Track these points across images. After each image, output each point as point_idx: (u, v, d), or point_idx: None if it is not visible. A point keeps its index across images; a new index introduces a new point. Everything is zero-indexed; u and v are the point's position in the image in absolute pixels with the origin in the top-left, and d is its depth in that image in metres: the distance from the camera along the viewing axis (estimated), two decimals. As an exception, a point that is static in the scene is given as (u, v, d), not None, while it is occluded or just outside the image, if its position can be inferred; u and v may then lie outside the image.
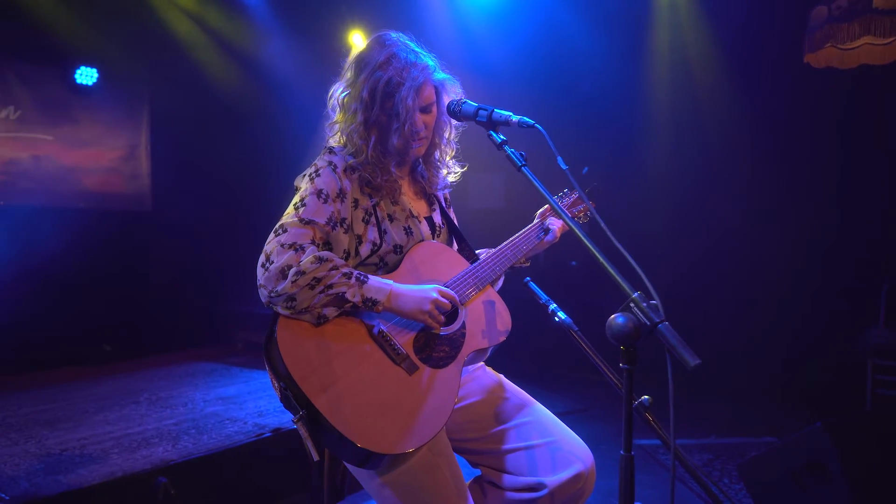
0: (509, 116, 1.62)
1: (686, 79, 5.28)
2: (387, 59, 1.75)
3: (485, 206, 6.54)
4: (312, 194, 1.68)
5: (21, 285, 5.09)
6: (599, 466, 1.86)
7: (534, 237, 2.00)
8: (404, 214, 1.82)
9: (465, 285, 1.80)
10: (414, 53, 1.77)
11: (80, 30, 5.49)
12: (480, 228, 3.39)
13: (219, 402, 4.19)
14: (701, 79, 5.15)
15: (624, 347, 1.33)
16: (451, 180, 2.01)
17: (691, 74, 5.24)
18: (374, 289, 1.62)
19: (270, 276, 1.55)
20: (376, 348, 1.63)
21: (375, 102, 1.75)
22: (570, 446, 1.76)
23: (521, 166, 1.57)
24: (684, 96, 5.27)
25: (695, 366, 1.24)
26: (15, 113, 5.48)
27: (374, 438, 1.48)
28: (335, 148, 1.80)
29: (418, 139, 1.79)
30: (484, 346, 1.77)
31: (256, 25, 6.22)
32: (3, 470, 2.98)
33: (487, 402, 1.85)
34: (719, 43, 5.04)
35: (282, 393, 1.54)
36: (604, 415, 4.67)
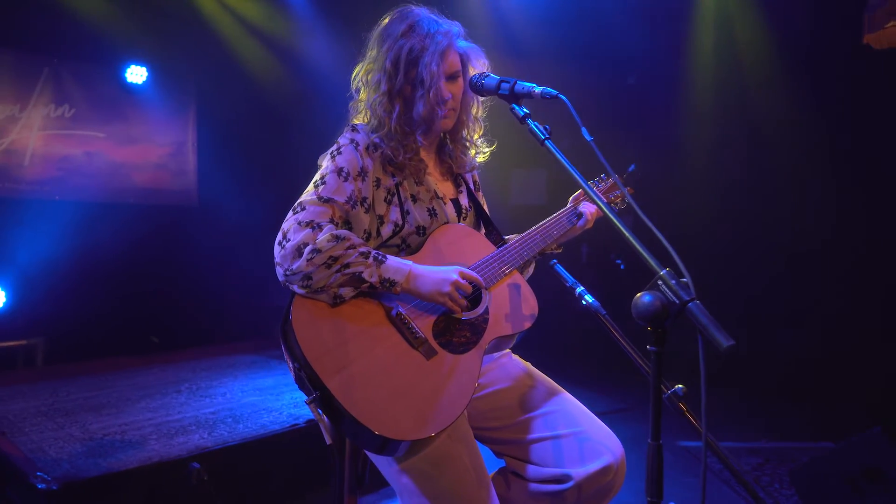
0: (532, 88, 1.54)
1: (733, 64, 5.05)
2: (409, 27, 1.71)
3: (526, 202, 6.44)
4: (333, 172, 1.64)
5: (73, 278, 5.25)
6: (633, 467, 1.77)
7: (565, 222, 1.91)
8: (429, 195, 1.76)
9: (490, 269, 1.73)
10: (436, 22, 1.72)
11: (130, 29, 5.65)
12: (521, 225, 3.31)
13: (256, 392, 4.23)
14: (750, 64, 4.92)
15: (651, 328, 1.24)
16: (480, 160, 1.94)
17: (739, 60, 5.01)
18: (393, 269, 1.56)
19: (286, 253, 1.52)
20: (394, 331, 1.58)
21: (399, 71, 1.69)
22: (599, 437, 1.67)
23: (545, 139, 1.49)
24: (732, 83, 5.05)
25: (728, 347, 1.15)
26: (69, 111, 5.68)
27: (388, 423, 1.43)
28: (358, 125, 1.75)
29: (444, 107, 1.71)
30: (508, 333, 1.70)
31: (299, 20, 6.27)
32: (48, 452, 3.07)
33: (513, 389, 1.77)
34: (769, 26, 4.81)
35: (296, 374, 1.51)
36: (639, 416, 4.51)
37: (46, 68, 5.50)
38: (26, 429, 3.39)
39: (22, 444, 3.15)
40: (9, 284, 5.13)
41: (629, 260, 5.67)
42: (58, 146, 5.62)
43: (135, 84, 5.95)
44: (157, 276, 5.87)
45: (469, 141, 1.88)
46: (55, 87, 5.57)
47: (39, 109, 5.49)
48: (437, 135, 1.84)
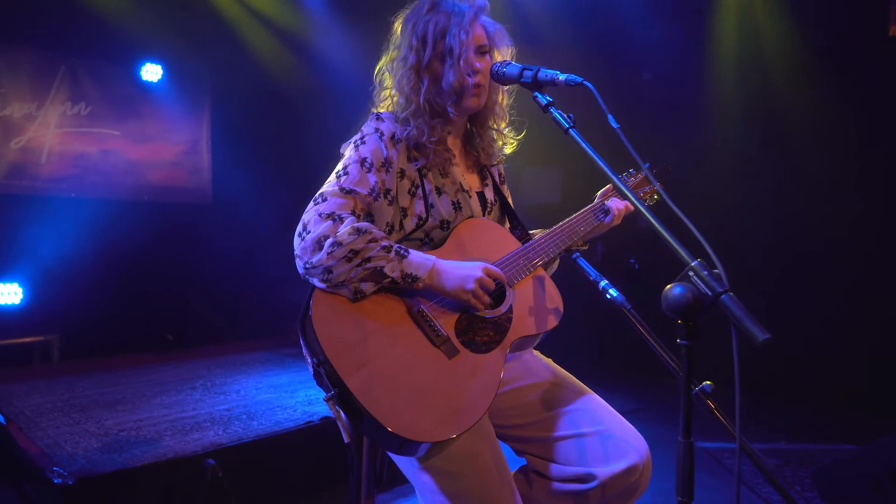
0: (556, 75, 1.50)
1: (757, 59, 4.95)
2: (433, 5, 1.69)
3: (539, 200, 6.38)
4: (356, 162, 1.60)
5: (89, 275, 5.28)
6: (656, 466, 1.72)
7: (592, 218, 1.85)
8: (454, 188, 1.71)
9: (515, 266, 1.68)
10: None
11: (146, 28, 5.66)
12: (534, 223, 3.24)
13: (271, 389, 4.22)
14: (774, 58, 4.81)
15: (682, 321, 1.20)
16: (508, 151, 1.89)
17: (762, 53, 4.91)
18: (415, 264, 1.52)
19: (306, 246, 1.49)
20: (415, 328, 1.54)
21: (427, 45, 1.66)
22: (623, 435, 1.62)
23: (569, 128, 1.44)
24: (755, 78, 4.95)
25: (764, 340, 1.10)
26: (86, 109, 5.71)
27: (407, 424, 1.39)
28: (383, 114, 1.70)
29: (475, 76, 1.66)
30: (532, 333, 1.65)
31: (315, 17, 6.26)
32: (64, 447, 3.07)
33: (535, 386, 1.73)
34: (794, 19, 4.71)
35: (314, 369, 1.47)
36: (660, 416, 4.45)
37: (63, 66, 5.53)
38: (43, 424, 3.40)
39: (38, 439, 3.16)
40: (26, 281, 5.17)
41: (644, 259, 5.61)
42: (74, 144, 5.64)
43: (150, 82, 5.97)
44: (171, 274, 5.88)
45: (496, 130, 1.83)
46: (72, 85, 5.60)
47: (56, 107, 5.52)
48: (465, 117, 1.79)
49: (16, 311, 5.09)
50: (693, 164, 5.27)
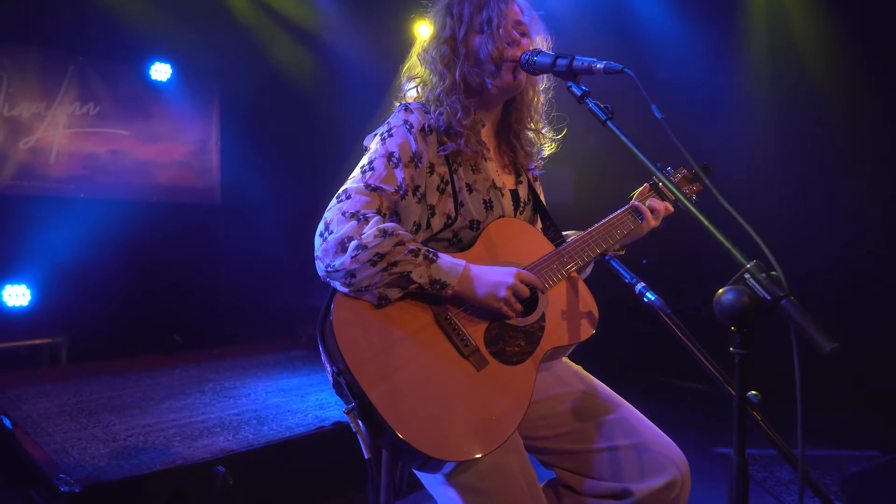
0: (593, 62, 1.39)
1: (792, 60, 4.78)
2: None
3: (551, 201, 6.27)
4: (382, 157, 1.50)
5: (97, 276, 5.23)
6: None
7: (629, 220, 1.73)
8: (486, 185, 1.61)
9: (548, 271, 1.58)
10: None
11: (155, 27, 5.61)
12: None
13: (281, 392, 4.14)
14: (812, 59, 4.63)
15: (736, 328, 1.10)
16: (548, 152, 1.79)
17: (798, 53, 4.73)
18: (445, 269, 1.42)
19: (328, 247, 1.39)
20: (442, 337, 1.44)
21: (463, 19, 1.58)
22: (662, 449, 1.52)
23: (606, 120, 1.34)
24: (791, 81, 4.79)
25: (831, 349, 1.00)
26: (95, 109, 5.66)
27: (433, 441, 1.30)
28: (411, 104, 1.60)
29: (514, 47, 1.58)
30: (565, 344, 1.55)
31: (325, 18, 6.19)
32: (71, 453, 3.00)
33: (565, 396, 1.63)
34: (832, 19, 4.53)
35: (334, 378, 1.38)
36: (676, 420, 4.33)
37: (72, 66, 5.48)
38: (50, 429, 3.33)
39: (45, 444, 3.09)
40: (34, 282, 5.11)
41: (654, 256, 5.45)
42: (83, 144, 5.59)
43: (159, 81, 5.91)
44: (181, 275, 5.82)
45: (534, 130, 1.74)
46: (80, 85, 5.54)
47: (65, 107, 5.47)
48: (500, 104, 1.70)
49: (24, 313, 5.04)
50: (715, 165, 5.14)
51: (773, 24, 4.88)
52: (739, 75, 5.12)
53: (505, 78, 1.59)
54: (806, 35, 4.73)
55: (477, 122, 1.63)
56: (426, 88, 1.64)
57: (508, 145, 1.73)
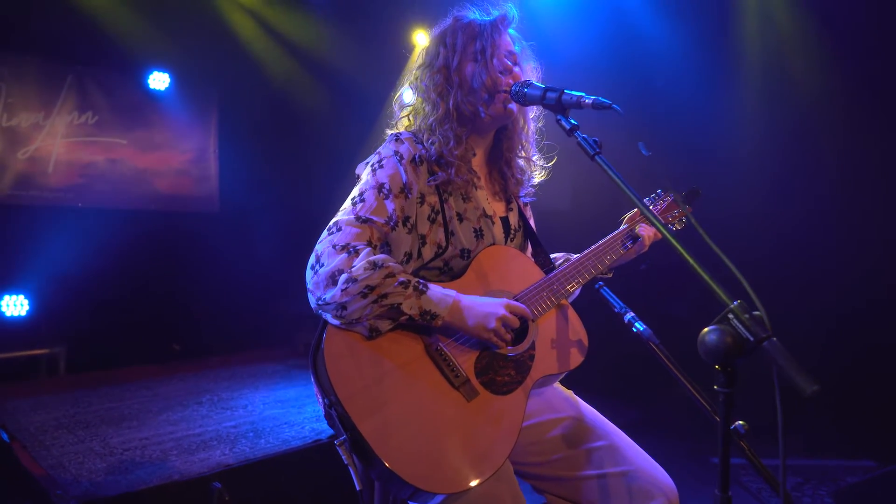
0: (581, 97, 1.41)
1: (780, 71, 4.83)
2: (459, 17, 1.67)
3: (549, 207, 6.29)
4: (373, 188, 1.52)
5: (96, 285, 5.24)
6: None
7: (619, 245, 1.76)
8: (477, 213, 1.63)
9: (539, 299, 1.60)
10: (486, 11, 1.67)
11: (153, 36, 5.63)
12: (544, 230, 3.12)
13: (278, 404, 4.15)
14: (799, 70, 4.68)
15: (720, 367, 1.12)
16: (538, 180, 1.82)
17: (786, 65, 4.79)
18: (435, 300, 1.44)
19: (319, 280, 1.41)
20: (433, 368, 1.46)
21: (457, 49, 1.61)
22: (650, 477, 1.54)
23: (595, 154, 1.36)
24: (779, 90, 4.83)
25: (812, 392, 1.02)
26: (93, 118, 5.68)
27: (424, 473, 1.32)
28: (402, 134, 1.61)
29: (507, 75, 1.61)
30: (555, 372, 1.57)
31: (323, 28, 6.22)
32: (69, 468, 3.01)
33: (556, 422, 1.65)
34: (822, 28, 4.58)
35: (326, 410, 1.39)
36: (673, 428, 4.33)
37: (70, 76, 5.50)
38: (47, 442, 3.34)
39: (42, 459, 3.10)
40: (32, 292, 5.13)
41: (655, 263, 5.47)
42: (81, 153, 5.61)
43: (157, 90, 5.93)
44: (179, 283, 5.85)
45: (525, 158, 1.76)
46: (79, 95, 5.57)
47: (63, 117, 5.49)
48: (491, 132, 1.72)
49: (22, 323, 5.06)
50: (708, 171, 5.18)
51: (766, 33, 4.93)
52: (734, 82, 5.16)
53: (498, 107, 1.61)
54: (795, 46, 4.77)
55: (468, 150, 1.65)
56: (419, 117, 1.66)
57: (499, 173, 1.75)
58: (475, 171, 1.67)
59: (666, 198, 1.92)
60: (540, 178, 1.81)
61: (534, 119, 1.76)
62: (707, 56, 5.13)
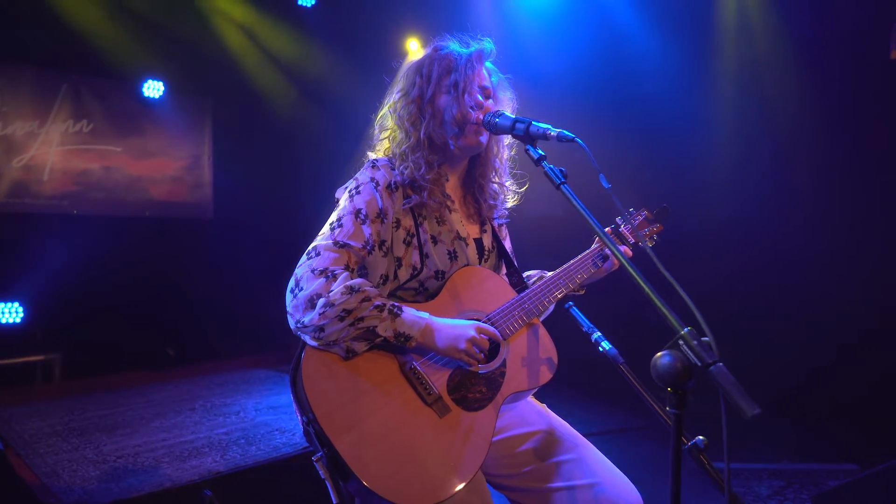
0: (547, 130, 1.48)
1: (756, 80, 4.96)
2: (438, 48, 1.73)
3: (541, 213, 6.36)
4: (350, 214, 1.58)
5: (91, 292, 5.29)
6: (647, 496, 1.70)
7: (590, 264, 1.81)
8: (451, 236, 1.70)
9: (510, 318, 1.66)
10: (467, 42, 1.73)
11: (147, 45, 5.70)
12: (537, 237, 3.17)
13: (270, 411, 4.22)
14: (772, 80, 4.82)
15: (671, 389, 1.19)
16: (510, 205, 1.89)
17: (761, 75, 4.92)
18: (409, 323, 1.51)
19: (298, 304, 1.48)
20: (407, 387, 1.52)
21: (431, 80, 1.68)
22: (615, 488, 1.60)
23: (560, 184, 1.43)
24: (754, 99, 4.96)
25: (753, 416, 1.09)
26: (88, 126, 5.74)
27: (397, 488, 1.38)
28: (378, 161, 1.68)
29: (478, 110, 1.66)
30: (524, 389, 1.64)
31: (311, 41, 6.30)
32: (62, 476, 3.07)
33: (528, 436, 1.71)
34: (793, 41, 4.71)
35: (304, 427, 1.46)
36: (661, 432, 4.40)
37: (65, 84, 5.56)
38: (41, 450, 3.40)
39: (37, 467, 3.16)
40: (27, 299, 5.18)
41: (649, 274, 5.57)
42: (76, 161, 5.67)
43: (152, 98, 5.99)
44: (173, 289, 5.90)
45: (499, 184, 1.83)
46: (74, 103, 5.63)
47: (58, 125, 5.55)
48: (464, 160, 1.79)
49: (17, 330, 5.11)
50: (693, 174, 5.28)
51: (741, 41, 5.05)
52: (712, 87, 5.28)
53: (468, 139, 1.67)
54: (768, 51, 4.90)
55: (441, 176, 1.71)
56: (394, 142, 1.72)
57: (473, 197, 1.82)
58: (449, 195, 1.74)
59: (638, 216, 1.98)
60: (513, 202, 1.87)
61: (508, 146, 1.83)
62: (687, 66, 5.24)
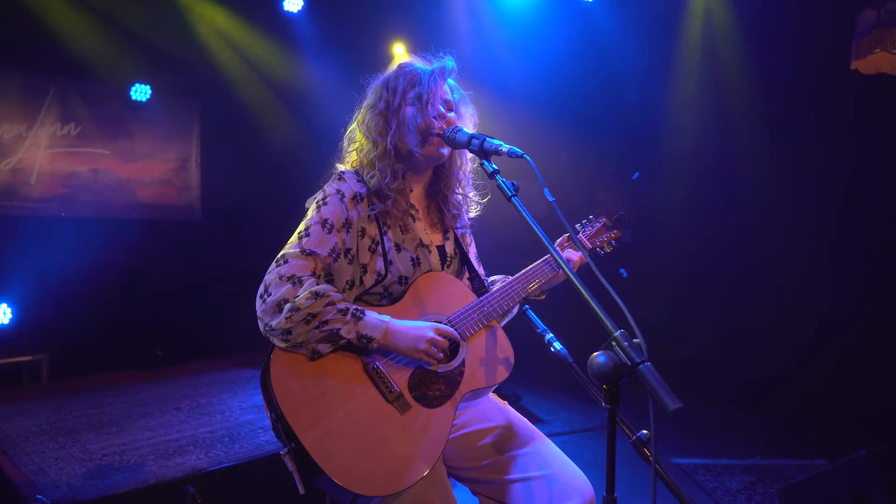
0: (499, 146, 1.60)
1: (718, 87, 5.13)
2: (403, 66, 1.83)
3: (526, 214, 6.48)
4: (317, 224, 1.69)
5: (79, 294, 5.34)
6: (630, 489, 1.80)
7: (547, 269, 1.92)
8: (414, 243, 1.80)
9: (470, 320, 1.77)
10: (429, 61, 1.84)
11: (135, 49, 5.76)
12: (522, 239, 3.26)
13: (255, 409, 4.30)
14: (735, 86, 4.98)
15: (606, 386, 1.30)
16: (473, 215, 2.00)
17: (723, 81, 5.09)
18: (370, 325, 1.61)
19: (267, 308, 1.58)
20: (370, 385, 1.63)
21: (397, 93, 1.78)
22: (568, 479, 1.71)
23: (511, 196, 1.54)
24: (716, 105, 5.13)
25: (675, 410, 1.20)
26: (75, 129, 5.79)
27: (358, 479, 1.48)
28: (345, 173, 1.79)
29: (440, 120, 1.77)
30: (482, 387, 1.75)
31: (297, 44, 6.38)
32: (48, 473, 3.15)
33: (487, 431, 1.82)
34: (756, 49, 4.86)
35: (273, 424, 1.56)
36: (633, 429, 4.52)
37: (53, 87, 5.62)
38: (28, 449, 3.48)
39: (23, 464, 3.24)
40: (16, 300, 5.24)
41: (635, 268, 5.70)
42: (64, 164, 5.72)
43: (139, 101, 6.05)
44: (161, 291, 5.95)
45: (462, 195, 1.94)
46: (61, 106, 5.68)
47: (46, 128, 5.60)
48: (429, 169, 1.89)
49: (5, 331, 5.16)
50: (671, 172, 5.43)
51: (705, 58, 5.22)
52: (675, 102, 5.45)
53: (430, 148, 1.78)
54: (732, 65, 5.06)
55: (406, 186, 1.82)
56: (362, 153, 1.83)
57: (437, 207, 1.93)
58: (413, 204, 1.84)
59: (596, 223, 2.10)
60: (475, 213, 1.98)
61: (471, 159, 1.94)
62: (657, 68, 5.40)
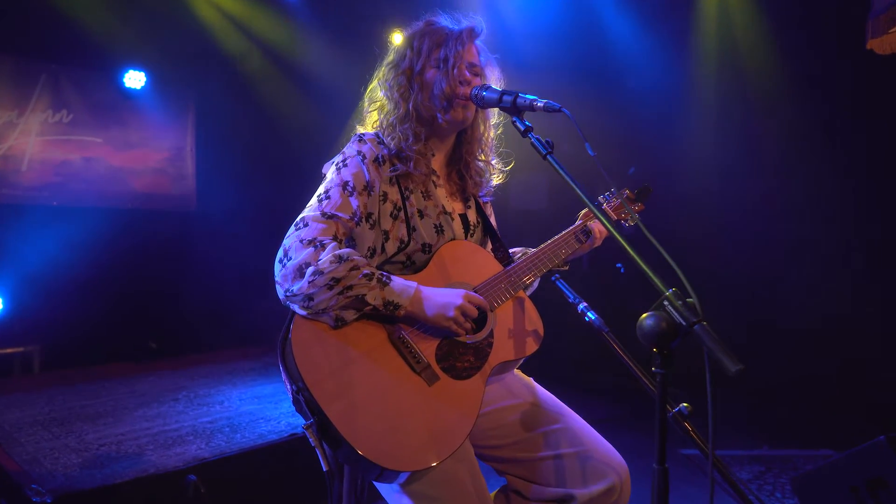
0: (534, 101, 1.50)
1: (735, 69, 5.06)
2: (430, 23, 1.75)
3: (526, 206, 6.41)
4: (337, 186, 1.59)
5: (71, 284, 5.22)
6: (638, 481, 1.73)
7: (573, 240, 1.85)
8: (436, 210, 1.71)
9: (497, 290, 1.69)
10: (457, 20, 1.75)
11: (129, 35, 5.62)
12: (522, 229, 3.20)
13: (255, 400, 4.20)
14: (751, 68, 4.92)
15: (657, 349, 1.21)
16: (496, 182, 1.91)
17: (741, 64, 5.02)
18: (397, 291, 1.52)
19: (287, 273, 1.48)
20: (396, 355, 1.53)
21: (422, 54, 1.70)
22: (603, 456, 1.63)
23: (547, 154, 1.45)
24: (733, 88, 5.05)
25: (736, 371, 1.12)
26: (68, 116, 5.66)
27: (387, 453, 1.39)
28: (365, 135, 1.70)
29: (465, 86, 1.68)
30: (512, 359, 1.66)
31: (298, 29, 6.26)
32: (43, 463, 3.03)
33: (515, 407, 1.74)
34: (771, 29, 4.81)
35: (294, 396, 1.47)
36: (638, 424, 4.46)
37: (44, 74, 5.48)
38: (22, 439, 3.36)
39: (17, 455, 3.12)
40: (7, 291, 5.10)
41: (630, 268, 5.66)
42: (56, 151, 5.58)
43: (133, 89, 5.92)
44: (155, 281, 5.83)
45: (485, 161, 1.85)
46: (53, 93, 5.54)
47: (37, 115, 5.46)
48: (451, 135, 1.80)
49: (-4, 322, 5.04)
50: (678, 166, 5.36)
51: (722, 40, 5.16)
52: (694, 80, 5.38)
53: (455, 113, 1.69)
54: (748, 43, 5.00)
55: (427, 150, 1.73)
56: (382, 113, 1.74)
57: (458, 174, 1.84)
58: (435, 170, 1.75)
59: (621, 195, 2.02)
60: (498, 180, 1.90)
61: (494, 126, 1.85)
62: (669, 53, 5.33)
